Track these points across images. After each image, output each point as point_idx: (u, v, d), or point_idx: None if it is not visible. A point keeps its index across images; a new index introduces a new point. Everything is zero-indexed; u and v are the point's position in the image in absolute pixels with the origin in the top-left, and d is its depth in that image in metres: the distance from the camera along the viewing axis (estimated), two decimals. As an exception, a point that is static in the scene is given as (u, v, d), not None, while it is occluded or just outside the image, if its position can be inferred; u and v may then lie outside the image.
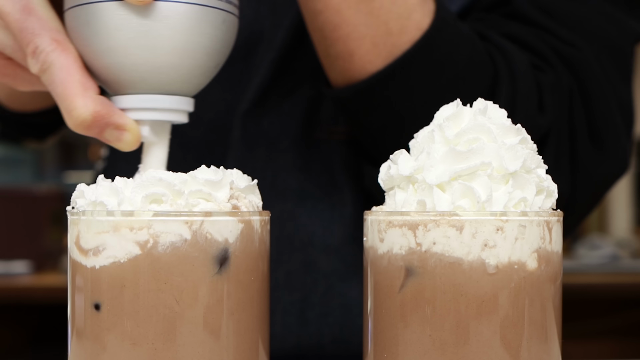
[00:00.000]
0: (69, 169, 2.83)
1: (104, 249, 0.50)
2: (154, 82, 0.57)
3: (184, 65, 0.57)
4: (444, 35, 0.70)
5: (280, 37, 0.83)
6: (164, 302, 0.49)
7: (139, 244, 0.49)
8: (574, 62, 0.78)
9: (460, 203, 0.49)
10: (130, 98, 0.57)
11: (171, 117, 0.58)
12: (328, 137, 0.83)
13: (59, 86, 0.55)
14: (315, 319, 0.82)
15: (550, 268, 0.50)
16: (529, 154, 0.50)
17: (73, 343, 0.52)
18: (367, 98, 0.71)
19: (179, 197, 0.50)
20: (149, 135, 0.58)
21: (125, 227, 0.49)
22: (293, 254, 0.82)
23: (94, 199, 0.51)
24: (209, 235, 0.50)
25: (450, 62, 0.71)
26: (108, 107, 0.55)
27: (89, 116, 0.55)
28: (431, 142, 0.51)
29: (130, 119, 0.56)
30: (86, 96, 0.55)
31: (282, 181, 0.83)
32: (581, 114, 0.79)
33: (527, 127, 0.73)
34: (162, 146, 0.59)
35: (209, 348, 0.50)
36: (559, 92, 0.77)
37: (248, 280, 0.51)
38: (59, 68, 0.55)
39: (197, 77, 0.58)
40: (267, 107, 0.83)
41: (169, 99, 0.58)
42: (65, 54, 0.56)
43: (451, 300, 0.48)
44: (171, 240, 0.49)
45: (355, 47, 0.69)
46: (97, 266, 0.50)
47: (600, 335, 2.31)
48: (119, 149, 0.57)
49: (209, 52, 0.58)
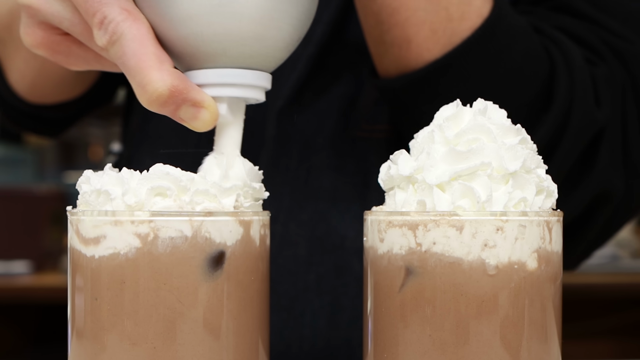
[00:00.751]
0: (69, 169, 2.83)
1: (104, 239, 0.50)
2: (236, 54, 0.52)
3: (269, 36, 0.52)
4: (504, 24, 0.68)
5: (319, 32, 0.79)
6: (163, 301, 0.49)
7: (139, 239, 0.49)
8: (626, 56, 0.76)
9: (460, 203, 0.49)
10: (208, 72, 0.53)
11: (251, 94, 0.54)
12: (365, 136, 0.80)
13: (132, 58, 0.51)
14: (346, 322, 0.80)
15: (550, 268, 0.50)
16: (529, 154, 0.50)
17: (73, 343, 0.52)
18: (422, 88, 0.68)
19: (184, 194, 0.50)
20: (227, 113, 0.53)
21: (125, 226, 0.49)
22: (324, 256, 0.80)
23: (98, 187, 0.50)
24: (208, 235, 0.50)
25: (509, 52, 0.68)
26: (185, 82, 0.51)
27: (166, 90, 0.50)
28: (431, 142, 0.51)
29: (208, 96, 0.52)
30: (162, 69, 0.50)
31: (316, 181, 0.80)
32: (633, 109, 0.76)
33: (585, 122, 0.71)
34: (238, 126, 0.54)
35: (209, 348, 0.50)
36: (612, 87, 0.74)
37: (248, 281, 0.51)
38: (131, 39, 0.51)
39: (280, 51, 0.54)
40: (302, 104, 0.81)
41: (250, 73, 0.53)
42: (137, 24, 0.51)
43: (451, 300, 0.48)
44: (171, 236, 0.49)
45: (413, 34, 0.66)
46: (96, 256, 0.50)
47: (600, 335, 2.31)
48: (192, 128, 0.52)
49: (295, 22, 0.53)
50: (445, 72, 0.67)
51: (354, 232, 0.80)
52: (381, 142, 0.80)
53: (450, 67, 0.67)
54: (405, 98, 0.70)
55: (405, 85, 0.68)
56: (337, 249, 0.80)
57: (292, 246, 0.80)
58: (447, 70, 0.67)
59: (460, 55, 0.66)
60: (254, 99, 0.54)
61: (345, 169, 0.80)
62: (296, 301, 0.80)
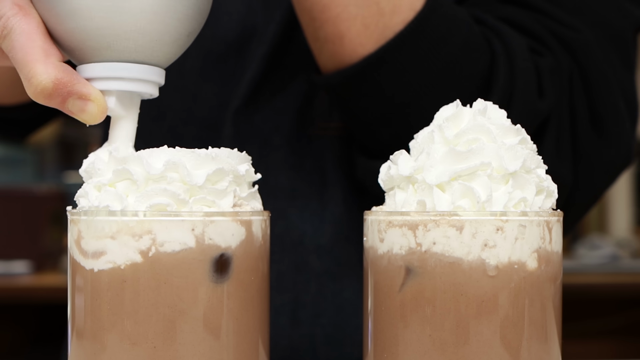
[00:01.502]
0: (69, 169, 2.83)
1: (104, 253, 0.50)
2: (120, 48, 0.53)
3: (153, 30, 0.53)
4: (438, 16, 0.68)
5: (272, 31, 0.80)
6: (163, 301, 0.49)
7: (140, 248, 0.49)
8: (573, 46, 0.76)
9: (460, 203, 0.49)
10: (95, 66, 0.54)
11: (140, 88, 0.54)
12: (321, 133, 0.81)
13: (19, 52, 0.52)
14: (307, 319, 0.81)
15: (550, 268, 0.50)
16: (528, 154, 0.50)
17: (73, 343, 0.52)
18: (358, 83, 0.68)
19: (184, 206, 0.50)
20: (116, 107, 0.54)
21: (126, 231, 0.49)
22: (284, 253, 0.81)
23: (97, 204, 0.51)
24: (211, 238, 0.50)
25: (445, 44, 0.68)
26: (71, 75, 0.52)
27: (50, 83, 0.51)
28: (431, 143, 0.51)
29: (95, 89, 0.53)
30: (47, 62, 0.52)
31: (274, 179, 0.81)
32: (582, 98, 0.76)
33: (526, 112, 0.71)
34: (131, 120, 0.55)
35: (209, 347, 0.50)
36: (558, 76, 0.75)
37: (248, 280, 0.51)
38: (20, 33, 0.52)
39: (168, 45, 0.54)
40: (259, 103, 0.82)
41: (137, 67, 0.54)
42: (27, 19, 0.53)
43: (451, 300, 0.48)
44: (173, 244, 0.49)
45: (345, 29, 0.66)
46: (95, 269, 0.50)
47: (600, 335, 2.31)
48: (83, 121, 0.53)
49: (181, 17, 0.54)
50: (380, 67, 0.67)
51: (312, 229, 0.81)
52: (336, 139, 0.81)
53: (384, 61, 0.67)
54: (344, 94, 0.70)
55: (341, 81, 0.69)
56: (296, 245, 0.81)
57: None
58: (381, 65, 0.67)
59: (393, 49, 0.67)
60: (147, 93, 0.55)
61: (302, 167, 0.81)
62: None
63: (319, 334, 0.81)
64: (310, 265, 0.81)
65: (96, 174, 0.52)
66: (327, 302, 0.81)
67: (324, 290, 0.81)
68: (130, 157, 0.51)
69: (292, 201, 0.81)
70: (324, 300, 0.81)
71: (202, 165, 0.51)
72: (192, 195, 0.50)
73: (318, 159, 0.81)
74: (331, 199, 0.81)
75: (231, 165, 0.52)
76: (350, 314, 0.81)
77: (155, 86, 0.55)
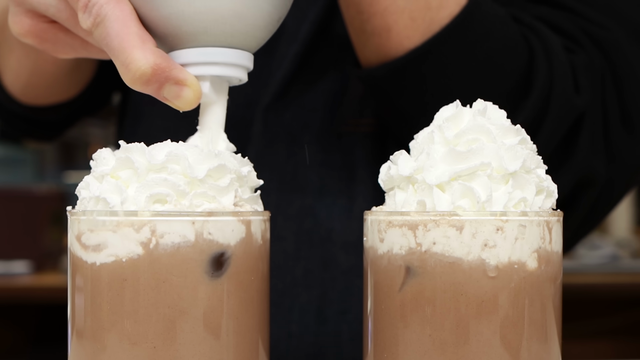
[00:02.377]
0: (69, 169, 2.83)
1: (105, 247, 0.50)
2: (217, 33, 0.53)
3: (249, 14, 0.53)
4: (483, 11, 0.69)
5: (305, 30, 0.81)
6: (163, 301, 0.49)
7: (141, 243, 0.49)
8: (604, 44, 0.77)
9: (460, 203, 0.49)
10: (190, 52, 0.54)
11: (233, 73, 0.54)
12: (351, 130, 0.81)
13: (115, 39, 0.52)
14: (334, 316, 0.81)
15: (550, 268, 0.50)
16: (528, 154, 0.50)
17: (73, 343, 0.52)
18: (403, 76, 0.69)
19: (183, 198, 0.50)
20: (210, 92, 0.54)
21: (127, 226, 0.49)
22: (311, 250, 0.81)
23: (97, 194, 0.51)
24: (210, 235, 0.50)
25: (487, 39, 0.69)
26: (168, 60, 0.52)
27: (149, 69, 0.51)
28: (431, 143, 0.51)
29: (191, 75, 0.52)
30: (145, 48, 0.52)
31: (303, 176, 0.82)
32: (613, 96, 0.77)
33: (565, 108, 0.72)
34: (221, 106, 0.55)
35: (209, 347, 0.50)
36: (592, 73, 0.75)
37: (248, 281, 0.51)
38: (114, 20, 0.52)
39: (261, 30, 0.54)
40: (288, 100, 0.82)
41: (231, 52, 0.54)
42: (120, 6, 0.52)
43: (451, 300, 0.48)
44: (173, 240, 0.49)
45: (392, 22, 0.67)
46: (97, 263, 0.50)
47: (600, 335, 2.31)
48: (176, 107, 0.53)
49: (274, 2, 0.54)
50: (425, 60, 0.68)
51: (340, 226, 0.81)
52: (366, 136, 0.81)
53: (430, 54, 0.68)
54: (387, 87, 0.71)
55: (386, 74, 0.69)
56: (324, 242, 0.81)
57: (280, 240, 0.81)
58: (426, 58, 0.68)
59: (439, 42, 0.67)
60: (236, 78, 0.55)
61: (331, 164, 0.82)
62: (284, 296, 0.80)
63: (345, 331, 0.81)
64: (337, 262, 0.81)
65: (102, 162, 0.52)
66: (353, 299, 0.81)
67: (351, 287, 0.81)
68: (133, 147, 0.51)
69: (321, 198, 0.82)
70: (350, 296, 0.81)
71: (204, 161, 0.51)
72: (192, 189, 0.50)
73: (347, 157, 0.82)
74: (360, 195, 0.81)
75: (233, 164, 0.52)
76: None
77: (246, 71, 0.56)
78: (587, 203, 0.78)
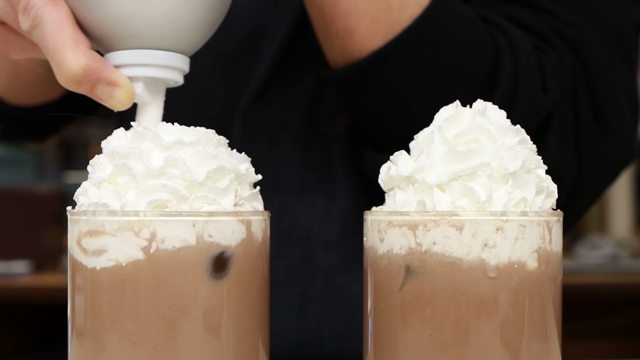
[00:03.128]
0: (69, 169, 2.83)
1: (105, 251, 0.50)
2: (147, 36, 0.55)
3: (179, 18, 0.54)
4: (445, 12, 0.69)
5: (281, 32, 0.82)
6: (164, 301, 0.49)
7: (142, 248, 0.49)
8: (576, 43, 0.77)
9: (460, 203, 0.49)
10: (122, 53, 0.55)
11: (166, 75, 0.56)
12: (329, 130, 0.83)
13: (50, 40, 0.54)
14: (315, 314, 0.82)
15: (550, 268, 0.50)
16: (528, 154, 0.50)
17: (73, 343, 0.52)
18: (367, 77, 0.70)
19: (184, 202, 0.50)
20: (143, 93, 0.56)
21: (127, 230, 0.49)
22: (291, 248, 0.82)
23: (96, 200, 0.51)
24: (211, 237, 0.50)
25: (450, 39, 0.70)
26: (100, 62, 0.54)
27: (80, 69, 0.53)
28: (431, 143, 0.51)
29: (123, 75, 0.54)
30: (77, 50, 0.54)
31: (282, 175, 0.83)
32: (585, 95, 0.77)
33: (530, 107, 0.72)
34: (157, 107, 0.57)
35: (209, 347, 0.50)
36: (561, 73, 0.76)
37: (248, 280, 0.51)
38: (50, 22, 0.54)
39: (193, 33, 0.56)
40: (268, 101, 0.83)
41: (163, 54, 0.55)
42: (56, 9, 0.55)
43: (451, 300, 0.48)
44: (174, 245, 0.49)
45: (354, 24, 0.68)
46: (97, 267, 0.50)
47: (600, 335, 2.31)
48: (111, 107, 0.55)
49: (205, 5, 0.55)
50: (387, 61, 0.68)
51: (320, 225, 0.82)
52: (343, 136, 0.82)
53: (392, 55, 0.68)
54: (352, 88, 0.72)
55: (350, 75, 0.70)
56: (304, 241, 0.82)
57: None
58: (388, 59, 0.68)
59: (401, 43, 0.68)
60: (172, 80, 0.57)
61: (310, 163, 0.83)
62: None
63: (326, 329, 0.82)
64: (317, 261, 0.82)
65: (98, 168, 0.52)
66: (334, 297, 0.82)
67: (331, 285, 0.82)
68: (130, 152, 0.51)
69: (300, 197, 0.83)
70: (331, 295, 0.82)
71: (202, 163, 0.51)
72: (192, 193, 0.50)
73: (326, 156, 0.83)
74: (339, 194, 0.82)
75: (232, 164, 0.52)
76: (357, 309, 0.81)
77: (181, 73, 0.57)
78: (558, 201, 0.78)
